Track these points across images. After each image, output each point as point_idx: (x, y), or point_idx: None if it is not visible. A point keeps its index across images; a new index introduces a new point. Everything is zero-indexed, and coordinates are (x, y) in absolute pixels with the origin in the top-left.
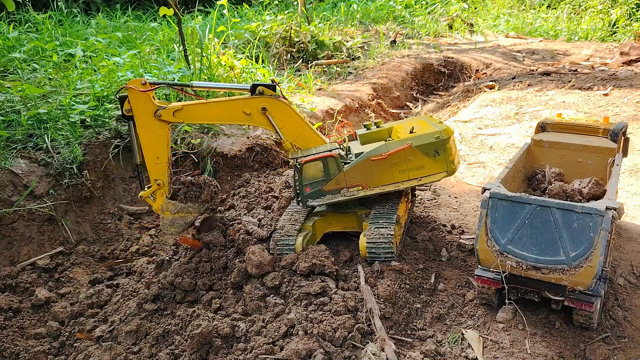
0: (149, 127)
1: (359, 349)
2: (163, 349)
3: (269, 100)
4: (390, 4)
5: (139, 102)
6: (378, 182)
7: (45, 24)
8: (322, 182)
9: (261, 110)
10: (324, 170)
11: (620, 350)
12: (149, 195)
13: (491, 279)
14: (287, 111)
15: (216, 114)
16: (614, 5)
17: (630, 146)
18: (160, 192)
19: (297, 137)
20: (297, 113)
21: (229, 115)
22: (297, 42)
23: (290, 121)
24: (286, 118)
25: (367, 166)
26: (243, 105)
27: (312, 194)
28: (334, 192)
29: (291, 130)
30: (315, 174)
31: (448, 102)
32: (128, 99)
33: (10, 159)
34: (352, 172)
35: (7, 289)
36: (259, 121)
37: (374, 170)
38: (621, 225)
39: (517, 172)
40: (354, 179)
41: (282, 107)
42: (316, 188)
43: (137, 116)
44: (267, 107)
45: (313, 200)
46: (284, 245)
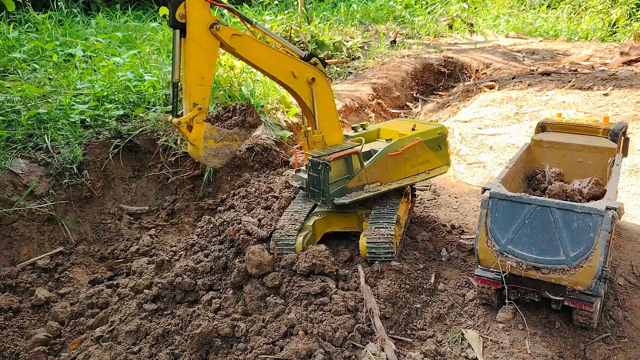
0: (200, 41)
1: (359, 349)
2: (163, 349)
3: (319, 74)
4: (390, 4)
5: (195, 9)
6: (393, 177)
7: (45, 24)
8: (345, 179)
9: (309, 80)
10: (348, 168)
11: (620, 350)
12: (187, 121)
13: (491, 279)
14: (328, 93)
15: (267, 60)
16: (614, 5)
17: (630, 146)
18: (199, 118)
19: (327, 122)
20: (334, 99)
21: (278, 68)
22: (297, 42)
23: (327, 103)
24: (324, 99)
25: (384, 162)
26: (296, 66)
27: (337, 192)
28: (357, 189)
29: (324, 112)
30: (339, 172)
31: (448, 102)
32: (184, 3)
33: (10, 159)
34: (372, 168)
35: (7, 289)
36: (300, 89)
37: (390, 166)
38: (621, 225)
39: (517, 172)
40: (374, 175)
41: (326, 86)
42: (340, 186)
43: (190, 25)
44: (315, 79)
45: (339, 199)
46: (284, 245)
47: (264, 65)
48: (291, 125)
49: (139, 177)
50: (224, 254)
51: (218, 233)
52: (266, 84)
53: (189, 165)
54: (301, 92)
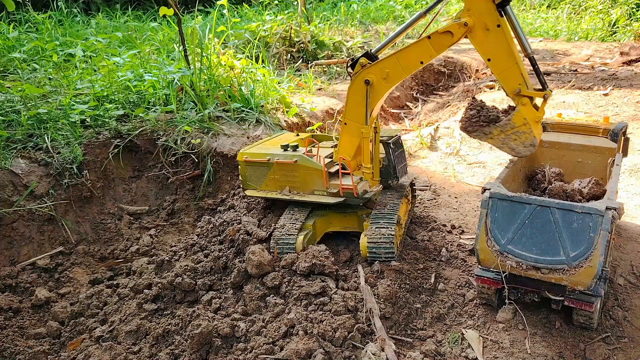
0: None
1: (359, 349)
2: (163, 349)
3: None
4: (390, 4)
5: None
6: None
7: (45, 24)
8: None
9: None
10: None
11: (620, 350)
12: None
13: (491, 279)
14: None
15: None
16: (614, 5)
17: (630, 146)
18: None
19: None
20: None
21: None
22: (297, 42)
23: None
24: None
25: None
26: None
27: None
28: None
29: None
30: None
31: (448, 102)
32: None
33: (10, 159)
34: None
35: (7, 289)
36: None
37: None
38: (621, 225)
39: (517, 172)
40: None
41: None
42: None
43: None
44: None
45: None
46: (284, 244)
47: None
48: (291, 125)
49: (139, 177)
50: (224, 254)
51: (218, 233)
52: (266, 84)
53: (189, 165)
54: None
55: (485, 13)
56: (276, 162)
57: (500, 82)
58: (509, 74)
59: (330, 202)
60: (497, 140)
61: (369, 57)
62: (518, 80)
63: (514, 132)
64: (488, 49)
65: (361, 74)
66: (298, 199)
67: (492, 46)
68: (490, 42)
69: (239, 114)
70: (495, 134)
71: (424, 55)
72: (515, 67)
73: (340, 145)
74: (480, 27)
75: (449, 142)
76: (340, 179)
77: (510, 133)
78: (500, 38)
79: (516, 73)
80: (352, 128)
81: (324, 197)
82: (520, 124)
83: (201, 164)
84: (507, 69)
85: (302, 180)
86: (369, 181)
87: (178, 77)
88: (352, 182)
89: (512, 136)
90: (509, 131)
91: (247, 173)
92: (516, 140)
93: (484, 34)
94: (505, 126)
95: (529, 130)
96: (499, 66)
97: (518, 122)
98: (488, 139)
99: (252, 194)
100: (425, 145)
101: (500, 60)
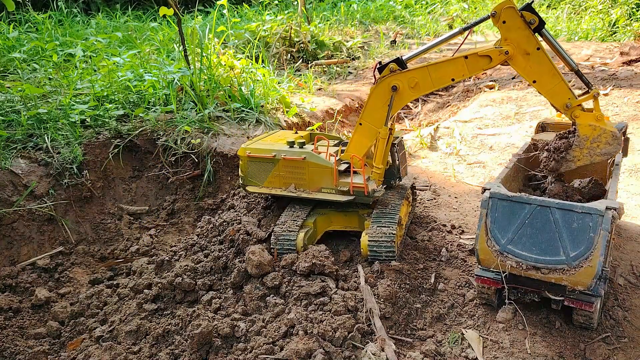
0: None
1: (359, 349)
2: (163, 349)
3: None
4: (390, 4)
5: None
6: None
7: (45, 24)
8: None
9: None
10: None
11: (620, 350)
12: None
13: (491, 279)
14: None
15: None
16: (614, 5)
17: (630, 146)
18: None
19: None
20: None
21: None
22: (297, 42)
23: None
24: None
25: None
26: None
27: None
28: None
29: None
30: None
31: (448, 102)
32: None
33: (10, 159)
34: None
35: (7, 289)
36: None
37: None
38: (621, 225)
39: (517, 172)
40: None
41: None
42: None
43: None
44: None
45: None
46: (285, 241)
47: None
48: (291, 125)
49: (139, 177)
50: (224, 254)
51: (218, 233)
52: (266, 84)
53: (189, 165)
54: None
55: (524, 40)
56: (283, 158)
57: (550, 100)
58: (557, 91)
59: (340, 199)
60: (586, 157)
61: (400, 64)
62: (567, 95)
63: (592, 141)
64: (532, 71)
65: (389, 78)
66: (305, 196)
67: (535, 68)
68: (532, 65)
69: (239, 114)
70: (579, 155)
71: (456, 73)
72: (561, 83)
73: (351, 144)
74: (520, 53)
75: (449, 142)
76: (352, 177)
77: (589, 144)
78: (542, 59)
79: (563, 89)
80: (367, 130)
81: (333, 195)
82: (589, 132)
83: (201, 164)
84: (553, 86)
85: (309, 177)
86: (377, 181)
87: (178, 77)
88: (364, 180)
89: (594, 145)
90: (587, 144)
91: (248, 169)
92: (599, 145)
93: (525, 59)
94: (581, 143)
95: (601, 130)
96: (546, 86)
97: (587, 132)
98: (579, 163)
99: (254, 190)
100: (425, 145)
101: (546, 81)
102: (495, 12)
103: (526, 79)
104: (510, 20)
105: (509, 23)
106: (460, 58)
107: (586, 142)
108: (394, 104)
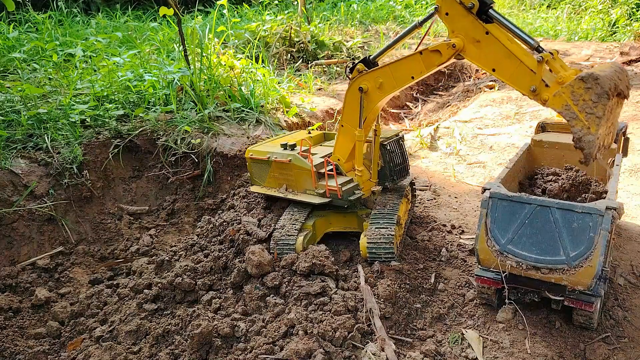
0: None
1: (359, 349)
2: (163, 349)
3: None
4: (390, 4)
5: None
6: None
7: (45, 24)
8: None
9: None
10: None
11: (620, 350)
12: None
13: (491, 279)
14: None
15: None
16: (614, 5)
17: (630, 146)
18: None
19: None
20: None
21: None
22: (297, 42)
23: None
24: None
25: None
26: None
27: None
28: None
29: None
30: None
31: (448, 102)
32: None
33: (10, 159)
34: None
35: (7, 289)
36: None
37: None
38: (621, 225)
39: (517, 172)
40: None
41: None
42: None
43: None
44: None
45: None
46: (284, 245)
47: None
48: (291, 125)
49: (139, 177)
50: (224, 254)
51: (218, 233)
52: (266, 84)
53: (189, 165)
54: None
55: (469, 27)
56: (274, 160)
57: (514, 86)
58: (517, 74)
59: (315, 202)
60: (592, 118)
61: (367, 64)
62: (528, 75)
63: (575, 103)
64: (488, 59)
65: (357, 80)
66: (291, 197)
67: (490, 56)
68: (485, 52)
69: (239, 114)
70: (584, 122)
71: (415, 71)
72: (521, 65)
73: (336, 146)
74: (470, 42)
75: (449, 142)
76: (327, 180)
77: (578, 109)
78: (493, 44)
79: (524, 71)
80: (348, 131)
81: (312, 196)
82: (562, 100)
83: (201, 164)
84: (513, 71)
85: (295, 179)
86: (364, 183)
87: (178, 77)
88: (336, 183)
89: (581, 104)
90: (576, 110)
91: (252, 170)
92: (584, 98)
93: (476, 47)
94: (570, 115)
95: (570, 86)
96: (506, 72)
97: (560, 102)
98: (595, 129)
99: (255, 190)
100: (425, 145)
101: (505, 66)
102: (437, 5)
103: (485, 69)
104: (452, 10)
105: (451, 13)
106: (416, 54)
107: (574, 109)
108: (365, 106)
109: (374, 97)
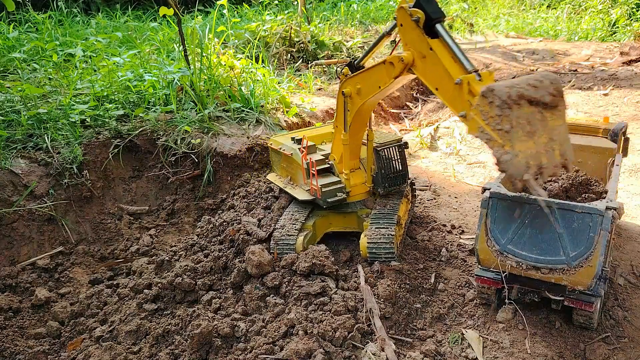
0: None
1: (359, 348)
2: (163, 349)
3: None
4: (390, 4)
5: None
6: None
7: (45, 24)
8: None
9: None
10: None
11: (620, 350)
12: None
13: (491, 279)
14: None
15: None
16: (614, 5)
17: (630, 146)
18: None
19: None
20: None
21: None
22: (297, 42)
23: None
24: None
25: None
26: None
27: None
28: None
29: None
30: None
31: None
32: None
33: (10, 159)
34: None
35: (7, 289)
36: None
37: None
38: (621, 225)
39: None
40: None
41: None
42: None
43: None
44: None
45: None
46: (284, 245)
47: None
48: (291, 125)
49: (139, 177)
50: (224, 254)
51: (218, 233)
52: (266, 84)
53: (189, 165)
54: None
55: (416, 41)
56: (283, 152)
57: (452, 110)
58: (453, 96)
59: (299, 197)
60: (512, 136)
61: (352, 68)
62: (463, 100)
63: (494, 129)
64: (432, 77)
65: (342, 84)
66: (287, 189)
67: (432, 73)
68: (429, 69)
69: (239, 114)
70: (510, 144)
71: (381, 80)
72: (456, 88)
73: (332, 147)
74: (418, 58)
75: (449, 142)
76: (311, 179)
77: (497, 132)
78: (435, 61)
79: (460, 95)
80: (340, 133)
81: (301, 192)
82: (475, 123)
83: (201, 164)
84: (450, 92)
85: (295, 172)
86: (357, 186)
87: (178, 77)
88: (317, 183)
89: (497, 130)
90: (495, 134)
91: (272, 158)
92: (489, 115)
93: (422, 63)
94: (492, 144)
95: (486, 110)
96: (446, 93)
97: (474, 126)
98: (517, 148)
99: (269, 178)
100: (425, 145)
101: (444, 86)
102: (396, 16)
103: (430, 88)
104: (404, 22)
105: (404, 25)
106: (381, 64)
107: (487, 129)
108: (350, 109)
109: (356, 102)
